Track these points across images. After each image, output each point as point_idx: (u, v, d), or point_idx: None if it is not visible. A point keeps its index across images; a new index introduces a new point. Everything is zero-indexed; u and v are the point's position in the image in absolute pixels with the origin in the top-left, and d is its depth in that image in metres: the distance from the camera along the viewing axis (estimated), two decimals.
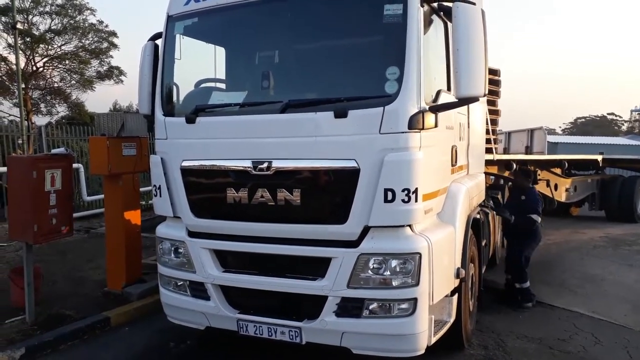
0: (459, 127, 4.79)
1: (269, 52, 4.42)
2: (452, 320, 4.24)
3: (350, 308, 3.77)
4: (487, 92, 3.66)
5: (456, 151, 4.54)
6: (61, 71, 26.22)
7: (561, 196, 10.95)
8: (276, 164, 3.80)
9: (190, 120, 4.12)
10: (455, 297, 4.28)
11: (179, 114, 4.29)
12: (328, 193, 3.81)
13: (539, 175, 9.61)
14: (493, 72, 7.64)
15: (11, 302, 5.73)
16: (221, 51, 4.76)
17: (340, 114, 3.62)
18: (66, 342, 4.99)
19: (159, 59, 4.49)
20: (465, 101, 3.69)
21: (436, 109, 3.72)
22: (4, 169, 9.34)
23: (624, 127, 54.63)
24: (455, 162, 4.56)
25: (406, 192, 3.57)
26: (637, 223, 12.34)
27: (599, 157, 11.66)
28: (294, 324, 3.92)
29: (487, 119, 6.87)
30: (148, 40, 4.64)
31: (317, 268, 3.84)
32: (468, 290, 4.78)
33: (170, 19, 4.42)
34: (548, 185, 10.19)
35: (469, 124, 5.29)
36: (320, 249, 3.81)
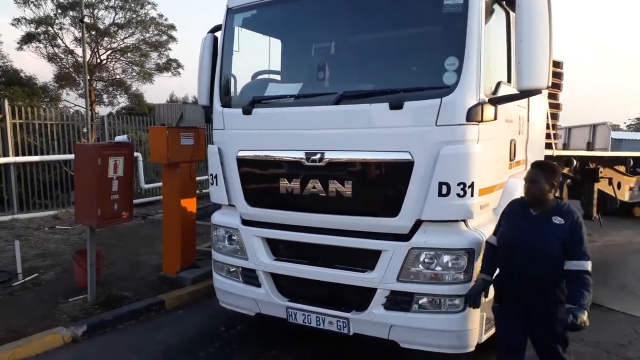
0: (518, 121, 4.64)
1: (325, 44, 4.44)
2: None
3: (399, 301, 3.75)
4: (550, 84, 3.53)
5: (515, 145, 4.40)
6: (123, 63, 27.34)
7: (624, 195, 10.37)
8: (329, 155, 3.82)
9: (247, 111, 4.20)
10: None
11: (236, 105, 4.38)
12: (380, 185, 3.79)
13: (600, 172, 9.17)
14: (555, 64, 7.30)
15: (75, 282, 6.07)
16: (277, 43, 4.82)
17: (396, 106, 3.58)
18: (124, 321, 5.25)
19: (218, 51, 4.59)
20: (526, 93, 3.56)
21: (496, 101, 3.61)
22: (71, 156, 9.90)
23: None
24: (514, 156, 4.41)
25: (462, 186, 3.50)
26: None
27: None
28: (342, 315, 3.94)
29: (547, 113, 6.62)
30: (208, 33, 4.76)
31: (367, 260, 3.84)
32: None
33: (230, 11, 4.51)
34: (610, 183, 9.67)
35: (528, 117, 5.10)
36: (370, 242, 3.80)
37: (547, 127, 6.75)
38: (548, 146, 6.78)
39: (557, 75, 7.48)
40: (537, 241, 3.26)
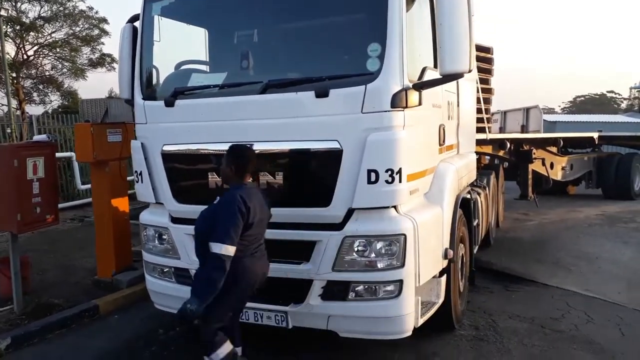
0: (447, 106, 4.70)
1: (249, 32, 4.31)
2: (440, 301, 4.19)
3: (335, 291, 3.71)
4: (472, 68, 3.57)
5: (444, 130, 4.45)
6: (52, 59, 25.90)
7: (557, 175, 10.88)
8: (257, 147, 3.71)
9: (169, 103, 4.02)
10: (444, 278, 4.23)
11: (158, 98, 4.19)
12: (311, 175, 3.73)
13: (534, 154, 9.53)
14: (485, 49, 7.50)
15: (0, 292, 5.69)
16: (202, 32, 4.65)
17: (322, 94, 3.52)
18: (54, 331, 4.95)
19: (138, 41, 4.37)
20: (449, 77, 3.59)
21: (420, 86, 3.62)
22: None
23: (623, 105, 54.26)
24: (444, 141, 4.47)
25: (390, 172, 3.49)
26: (633, 200, 12.27)
27: (595, 135, 11.56)
28: (280, 309, 3.87)
29: (479, 98, 6.77)
30: (127, 23, 4.53)
31: (301, 252, 3.78)
32: (458, 270, 4.72)
33: (147, 0, 4.29)
34: (544, 164, 10.11)
35: (458, 102, 5.19)
36: (304, 232, 3.74)
37: (480, 112, 6.93)
38: (481, 130, 6.96)
39: (487, 61, 7.67)
40: (197, 222, 3.45)
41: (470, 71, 3.53)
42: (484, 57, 7.41)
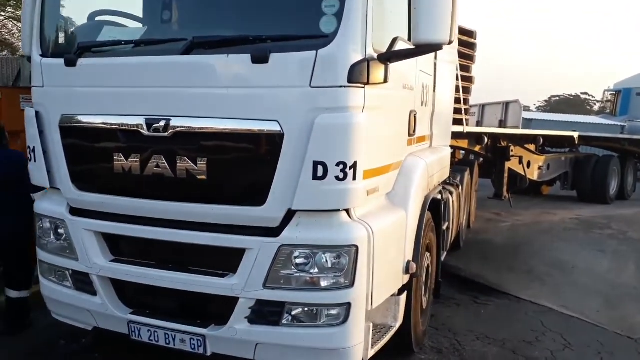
0: (421, 89, 3.94)
1: None
2: (398, 324, 3.47)
3: (267, 313, 2.93)
4: (453, 39, 2.83)
5: (415, 117, 3.68)
6: (2, 19, 23.81)
7: (533, 174, 10.33)
8: (176, 123, 2.89)
9: (70, 62, 3.13)
10: (404, 296, 3.50)
11: (59, 55, 3.27)
12: (242, 164, 2.91)
13: (511, 151, 8.94)
14: (467, 33, 6.74)
15: None
16: None
17: (260, 58, 2.70)
18: None
19: None
20: (424, 49, 2.85)
21: (387, 58, 2.83)
22: None
23: (596, 107, 54.87)
24: (414, 131, 3.71)
25: (342, 166, 2.71)
26: (609, 205, 11.86)
27: (575, 134, 11.04)
28: (197, 331, 3.06)
29: (458, 87, 6.04)
30: None
31: (226, 261, 2.98)
32: (421, 285, 4.00)
33: None
34: (521, 162, 9.52)
35: (435, 87, 4.44)
36: (230, 237, 2.94)
37: (458, 102, 6.21)
38: (458, 122, 6.24)
39: (469, 46, 6.91)
40: None
41: (450, 42, 2.78)
42: (466, 42, 6.65)
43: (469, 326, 4.71)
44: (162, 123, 2.90)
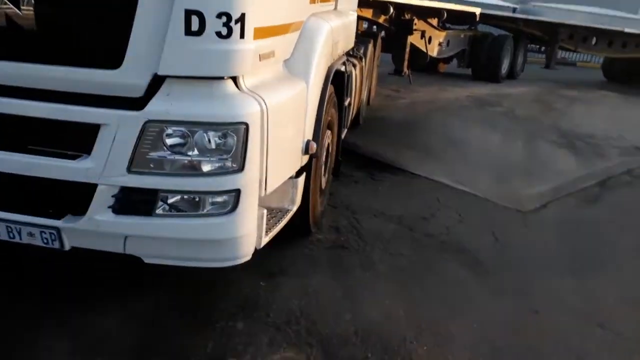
0: None
1: None
2: (295, 207, 3.15)
3: (136, 202, 2.40)
4: None
5: None
6: None
7: (434, 51, 10.20)
8: None
9: None
10: (302, 178, 3.15)
11: None
12: (89, 10, 2.16)
13: (415, 24, 8.56)
14: None
15: None
16: None
17: None
18: None
19: None
20: None
21: None
22: None
23: None
24: None
25: (225, 18, 2.09)
26: (499, 83, 12.27)
27: (477, 11, 10.87)
28: (49, 223, 2.48)
29: None
30: None
31: (79, 140, 2.34)
32: (321, 165, 3.68)
33: None
34: (423, 36, 9.28)
35: None
36: (79, 109, 2.27)
37: None
38: None
39: None
40: None
41: None
42: None
43: (367, 203, 4.60)
44: None
